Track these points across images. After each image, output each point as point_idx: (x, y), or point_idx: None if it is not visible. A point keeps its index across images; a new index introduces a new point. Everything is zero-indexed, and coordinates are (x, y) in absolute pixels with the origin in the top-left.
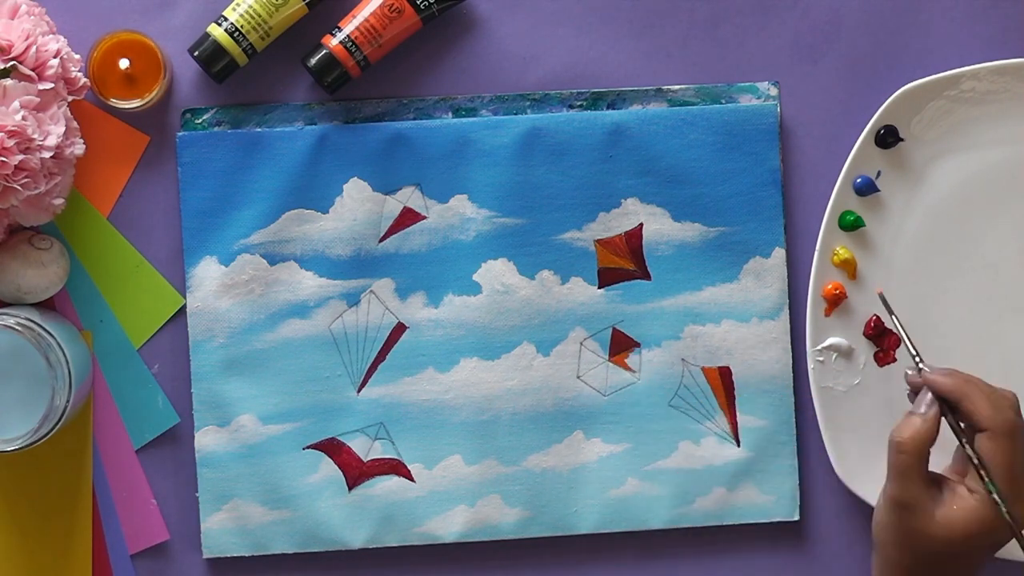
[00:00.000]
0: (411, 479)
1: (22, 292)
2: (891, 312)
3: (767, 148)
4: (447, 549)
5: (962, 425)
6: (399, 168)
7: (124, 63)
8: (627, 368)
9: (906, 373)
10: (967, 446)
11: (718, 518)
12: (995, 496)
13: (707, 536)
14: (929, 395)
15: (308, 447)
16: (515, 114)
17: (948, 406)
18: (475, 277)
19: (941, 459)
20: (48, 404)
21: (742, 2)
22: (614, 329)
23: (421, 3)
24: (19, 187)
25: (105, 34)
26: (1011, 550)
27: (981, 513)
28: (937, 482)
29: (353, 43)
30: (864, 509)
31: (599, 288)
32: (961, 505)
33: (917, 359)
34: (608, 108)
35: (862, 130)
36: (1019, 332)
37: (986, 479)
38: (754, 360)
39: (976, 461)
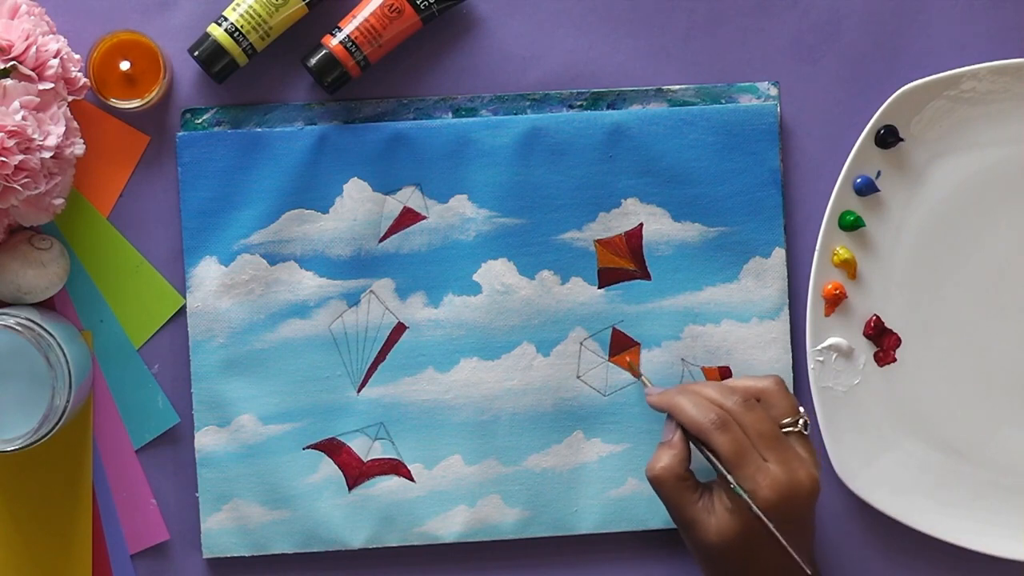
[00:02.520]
0: (411, 479)
1: (22, 292)
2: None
3: (767, 148)
4: (447, 549)
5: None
6: (399, 168)
7: (124, 65)
8: (627, 369)
9: (648, 396)
10: (704, 453)
11: None
12: (736, 489)
13: None
14: (672, 422)
15: (308, 447)
16: (515, 114)
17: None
18: (475, 277)
19: None
20: (48, 404)
21: (742, 2)
22: (614, 329)
23: (421, 3)
24: (19, 187)
25: (105, 34)
26: (1012, 549)
27: (742, 509)
28: (708, 493)
29: (353, 43)
30: (864, 509)
31: (599, 288)
32: (724, 508)
33: (643, 380)
34: (608, 108)
35: (862, 130)
36: (1019, 332)
37: (724, 476)
38: (754, 360)
39: (710, 462)
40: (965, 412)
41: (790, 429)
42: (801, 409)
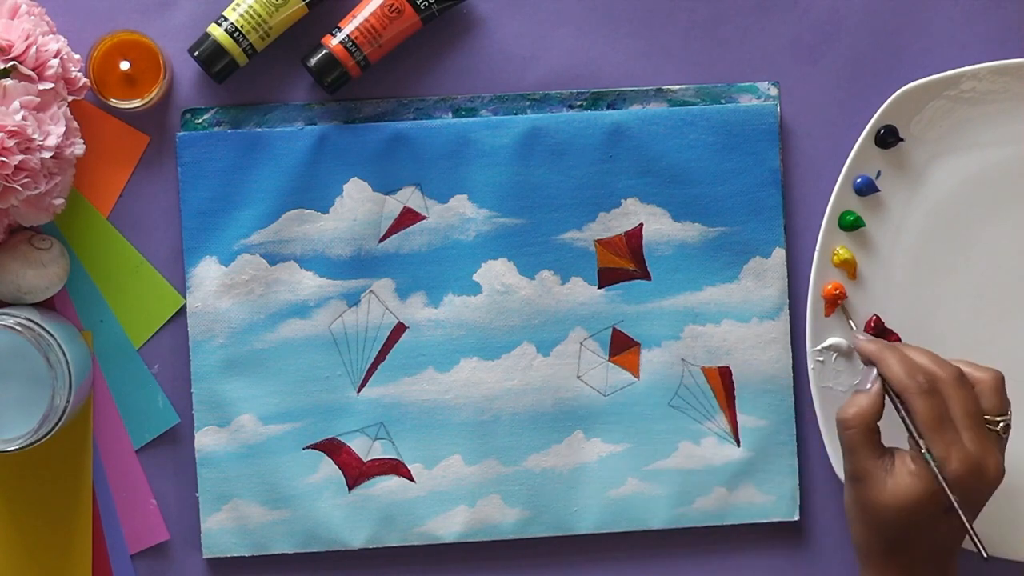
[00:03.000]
0: (411, 479)
1: (22, 292)
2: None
3: (767, 148)
4: (447, 549)
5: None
6: (399, 168)
7: (124, 65)
8: (627, 369)
9: (855, 340)
10: (899, 411)
11: (718, 518)
12: (924, 453)
13: (707, 536)
14: (873, 371)
15: (308, 447)
16: (515, 114)
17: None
18: (475, 277)
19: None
20: (48, 404)
21: (742, 2)
22: (614, 329)
23: (421, 3)
24: (19, 187)
25: (105, 34)
26: (1012, 549)
27: (925, 476)
28: (890, 453)
29: (353, 43)
30: None
31: (599, 288)
32: (907, 471)
33: (851, 325)
34: (608, 108)
35: (862, 130)
36: (1019, 332)
37: (915, 438)
38: (754, 360)
39: (905, 424)
40: None
41: (993, 427)
42: (1010, 413)
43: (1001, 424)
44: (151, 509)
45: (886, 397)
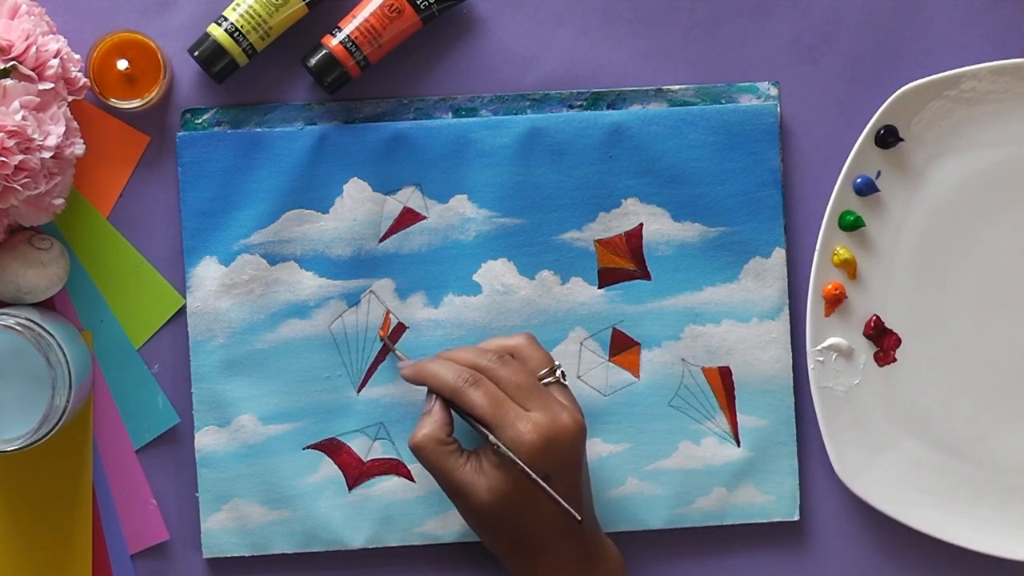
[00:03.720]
0: (411, 479)
1: (22, 292)
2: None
3: (767, 148)
4: (447, 549)
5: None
6: (399, 168)
7: (123, 64)
8: (627, 369)
9: (400, 370)
10: (464, 417)
11: (718, 518)
12: (495, 443)
13: (707, 536)
14: (431, 392)
15: (308, 447)
16: (515, 114)
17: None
18: (475, 277)
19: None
20: (48, 404)
21: (742, 2)
22: (614, 329)
23: (421, 3)
24: (19, 187)
25: (105, 34)
26: (1012, 549)
27: (509, 462)
28: (475, 455)
29: (353, 43)
30: (864, 509)
31: (599, 288)
32: (492, 465)
33: (397, 354)
34: (608, 108)
35: (862, 130)
36: (1019, 332)
37: (481, 432)
38: (754, 360)
39: (470, 423)
40: (965, 412)
41: (548, 380)
42: (556, 361)
43: (558, 372)
44: (151, 509)
45: (450, 409)
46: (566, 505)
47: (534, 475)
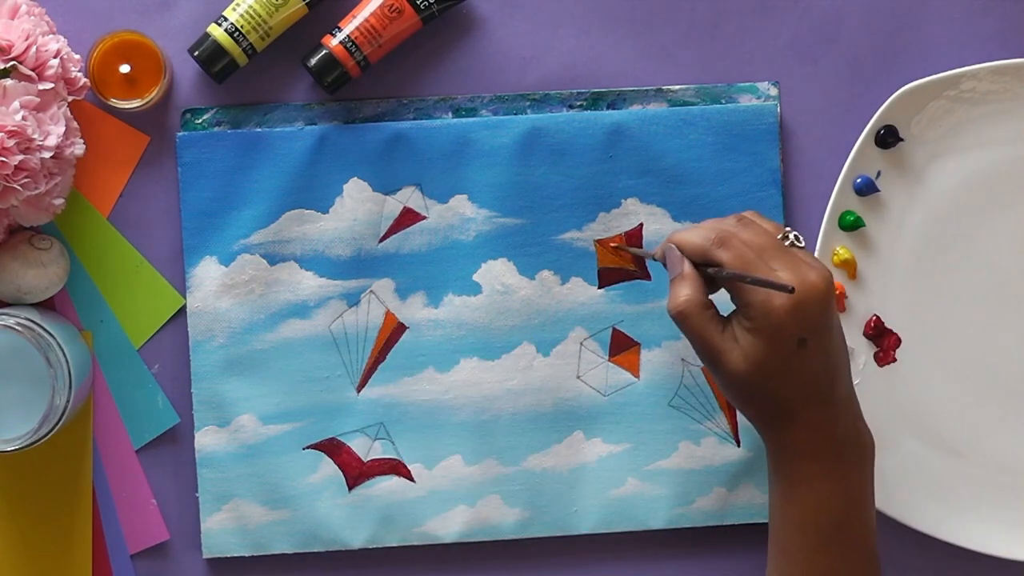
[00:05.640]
0: (411, 479)
1: (22, 292)
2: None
3: (767, 148)
4: (447, 549)
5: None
6: (399, 168)
7: (125, 68)
8: (627, 369)
9: (669, 248)
10: (717, 277)
11: (718, 518)
12: (756, 277)
13: (707, 536)
14: (675, 255)
15: (308, 447)
16: (515, 114)
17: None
18: (475, 277)
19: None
20: (48, 404)
21: (742, 2)
22: (614, 329)
23: (421, 3)
24: (19, 187)
25: (105, 34)
26: (1012, 549)
27: (761, 322)
28: (728, 323)
29: (353, 43)
30: None
31: (599, 288)
32: (745, 330)
33: (643, 252)
34: (608, 108)
35: (862, 130)
36: (1019, 332)
37: (740, 277)
38: None
39: (721, 279)
40: (965, 412)
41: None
42: (787, 227)
43: (792, 236)
44: (151, 509)
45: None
46: (776, 282)
47: (751, 277)
